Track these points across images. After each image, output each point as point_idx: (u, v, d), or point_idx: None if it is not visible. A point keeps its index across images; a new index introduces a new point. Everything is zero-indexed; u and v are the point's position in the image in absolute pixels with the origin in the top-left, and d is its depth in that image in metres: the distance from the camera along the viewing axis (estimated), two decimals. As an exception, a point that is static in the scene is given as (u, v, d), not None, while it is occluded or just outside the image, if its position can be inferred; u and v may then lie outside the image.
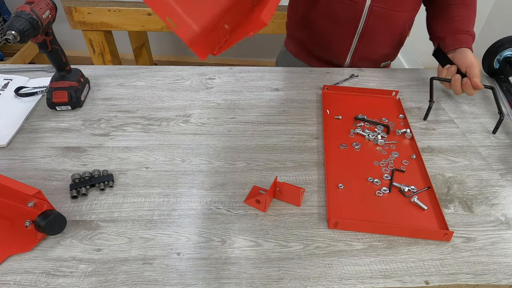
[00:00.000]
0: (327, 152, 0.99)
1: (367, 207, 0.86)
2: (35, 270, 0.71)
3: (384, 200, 0.87)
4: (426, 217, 0.84)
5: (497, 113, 1.11)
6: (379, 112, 1.15)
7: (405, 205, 0.86)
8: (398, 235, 0.80)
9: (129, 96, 1.18)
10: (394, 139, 1.05)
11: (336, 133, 1.06)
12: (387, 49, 1.43)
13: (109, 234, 0.78)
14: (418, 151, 1.00)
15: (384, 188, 0.90)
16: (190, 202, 0.85)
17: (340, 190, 0.89)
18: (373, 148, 1.02)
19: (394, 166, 0.96)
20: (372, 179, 0.92)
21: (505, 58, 1.32)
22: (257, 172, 0.93)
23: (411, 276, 0.72)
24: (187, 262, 0.73)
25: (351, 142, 1.03)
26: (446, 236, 0.79)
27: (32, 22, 0.91)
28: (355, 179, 0.92)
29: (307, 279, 0.71)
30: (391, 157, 0.99)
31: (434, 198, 0.87)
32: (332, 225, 0.81)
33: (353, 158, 0.98)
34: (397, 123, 1.11)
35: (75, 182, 0.87)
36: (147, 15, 2.15)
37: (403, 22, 1.35)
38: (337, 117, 1.12)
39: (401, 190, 0.89)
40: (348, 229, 0.81)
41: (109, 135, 1.02)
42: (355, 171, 0.95)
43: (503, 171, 0.96)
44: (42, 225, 0.72)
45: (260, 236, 0.78)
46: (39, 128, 1.04)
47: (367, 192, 0.89)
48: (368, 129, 1.07)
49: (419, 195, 0.88)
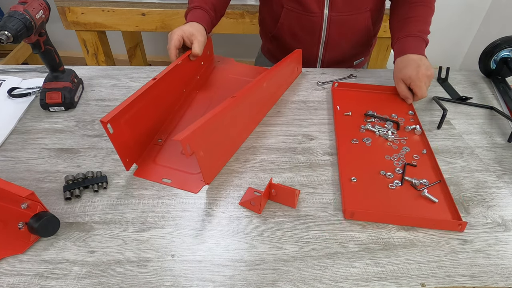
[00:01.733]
0: (340, 146, 1.01)
1: (381, 199, 0.88)
2: (28, 272, 0.70)
3: (396, 193, 0.89)
4: (438, 209, 0.86)
5: (495, 114, 1.12)
6: (388, 109, 1.17)
7: (416, 198, 0.88)
8: (413, 226, 0.81)
9: (123, 97, 1.17)
10: (404, 135, 1.07)
11: (347, 129, 1.08)
12: (355, 49, 1.46)
13: (103, 236, 0.77)
14: (429, 146, 1.02)
15: (396, 181, 0.91)
16: (184, 204, 0.84)
17: (353, 183, 0.91)
18: (384, 143, 1.03)
19: (406, 161, 0.97)
20: (384, 173, 0.93)
21: (502, 59, 1.32)
22: (252, 174, 0.92)
23: (407, 278, 0.71)
24: (181, 264, 0.72)
25: (362, 138, 1.05)
26: (460, 226, 0.81)
27: (25, 23, 0.90)
28: (367, 173, 0.94)
29: (302, 281, 0.70)
30: (402, 152, 1.01)
31: (447, 191, 0.89)
32: (348, 215, 0.82)
33: (364, 153, 1.00)
34: (406, 119, 1.13)
35: (68, 183, 0.86)
36: (141, 15, 2.14)
37: (366, 22, 1.37)
38: (347, 114, 1.14)
39: (413, 184, 0.90)
40: (364, 219, 0.82)
41: (103, 136, 1.02)
42: (368, 165, 0.96)
43: (499, 172, 0.96)
44: (35, 227, 0.71)
45: (255, 238, 0.78)
46: (32, 129, 1.03)
47: (379, 185, 0.91)
48: (378, 125, 1.09)
49: (430, 188, 0.90)
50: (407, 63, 1.16)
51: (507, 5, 2.91)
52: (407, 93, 1.17)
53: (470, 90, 1.31)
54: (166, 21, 2.17)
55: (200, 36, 1.14)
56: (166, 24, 2.18)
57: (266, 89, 1.10)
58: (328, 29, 1.33)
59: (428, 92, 1.25)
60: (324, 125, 1.10)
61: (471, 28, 3.30)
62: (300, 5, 1.29)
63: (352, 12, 1.31)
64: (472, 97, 1.24)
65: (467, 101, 1.23)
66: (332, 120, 1.12)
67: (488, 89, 1.32)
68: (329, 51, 1.41)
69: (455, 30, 3.30)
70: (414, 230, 0.80)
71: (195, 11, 1.22)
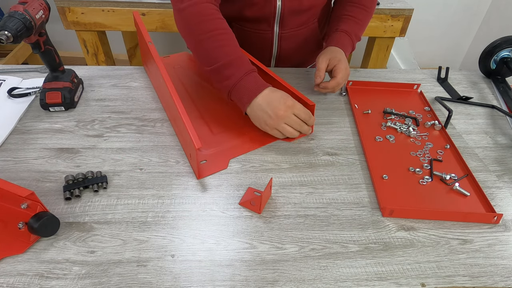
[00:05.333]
0: (365, 144, 1.02)
1: (414, 195, 0.89)
2: (28, 273, 0.70)
3: (428, 188, 0.90)
4: (470, 202, 0.87)
5: (495, 114, 1.11)
6: (404, 105, 1.20)
7: (447, 193, 0.89)
8: (448, 220, 0.83)
9: (123, 97, 1.17)
10: (425, 131, 1.08)
11: (369, 127, 1.09)
12: (307, 56, 1.49)
13: (102, 236, 0.77)
14: (451, 141, 1.04)
15: (426, 177, 0.93)
16: (184, 204, 0.84)
17: (385, 180, 0.92)
18: (407, 140, 1.05)
19: (431, 156, 0.99)
20: (413, 169, 0.95)
21: (502, 59, 1.32)
22: (252, 174, 0.92)
23: (407, 279, 0.71)
24: (181, 264, 0.72)
25: (385, 135, 1.06)
26: (496, 218, 0.82)
27: (25, 23, 0.90)
28: (397, 170, 0.95)
29: (302, 281, 0.70)
30: (426, 147, 1.02)
31: (476, 184, 0.91)
32: (387, 213, 0.83)
33: (390, 150, 1.01)
34: (424, 115, 1.15)
35: (68, 183, 0.86)
36: (141, 15, 2.14)
37: (315, 31, 1.39)
38: (366, 112, 1.15)
39: (442, 179, 0.92)
40: (403, 216, 0.83)
41: (103, 136, 1.02)
42: (395, 162, 0.97)
43: (499, 172, 0.96)
44: (35, 227, 0.71)
45: (255, 238, 0.78)
46: (32, 129, 1.03)
47: (411, 181, 0.92)
48: (398, 122, 1.11)
49: (459, 182, 0.91)
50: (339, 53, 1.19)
51: (507, 5, 2.91)
52: (323, 71, 1.16)
53: (470, 90, 1.31)
54: (166, 21, 2.17)
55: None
56: (166, 24, 2.18)
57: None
58: (279, 44, 1.34)
59: (429, 93, 1.26)
60: (324, 125, 1.10)
61: (471, 28, 3.30)
62: (250, 22, 1.29)
63: (301, 27, 1.32)
64: (472, 97, 1.24)
65: (468, 101, 1.23)
66: (332, 120, 1.12)
67: (488, 89, 1.32)
68: (281, 63, 1.42)
69: (455, 30, 3.30)
70: (414, 230, 0.80)
71: (255, 74, 1.03)
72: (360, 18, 1.27)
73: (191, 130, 0.85)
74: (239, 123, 1.08)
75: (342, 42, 1.23)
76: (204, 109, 1.13)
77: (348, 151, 1.00)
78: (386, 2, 2.30)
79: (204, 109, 1.13)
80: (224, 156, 0.97)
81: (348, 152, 1.00)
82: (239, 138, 1.03)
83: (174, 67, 1.35)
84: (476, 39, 3.32)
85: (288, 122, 0.99)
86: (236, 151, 0.99)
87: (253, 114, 1.00)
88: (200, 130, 1.05)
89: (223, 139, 1.02)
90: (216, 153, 0.98)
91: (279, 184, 0.90)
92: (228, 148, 1.00)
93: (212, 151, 0.98)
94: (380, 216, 0.83)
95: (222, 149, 0.99)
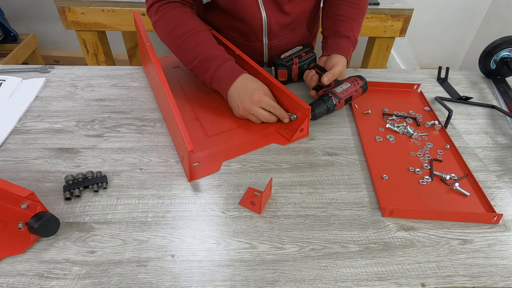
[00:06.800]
0: (365, 144, 1.02)
1: (414, 195, 0.89)
2: (28, 273, 0.70)
3: (428, 188, 0.90)
4: (470, 202, 0.87)
5: (495, 114, 1.12)
6: (404, 106, 1.20)
7: (447, 193, 0.89)
8: (450, 220, 0.83)
9: (122, 97, 1.17)
10: (425, 131, 1.09)
11: (369, 127, 1.10)
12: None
13: (102, 236, 0.77)
14: (451, 141, 1.04)
15: (426, 177, 0.93)
16: (184, 204, 0.84)
17: (385, 180, 0.92)
18: (407, 140, 1.05)
19: (431, 156, 0.99)
20: (413, 169, 0.95)
21: (502, 59, 1.32)
22: (252, 174, 0.92)
23: (407, 279, 0.71)
24: (181, 264, 0.72)
25: (385, 135, 1.06)
26: (496, 218, 0.82)
27: None
28: (397, 170, 0.95)
29: (302, 281, 0.70)
30: (426, 147, 1.02)
31: (476, 184, 0.91)
32: (387, 213, 0.83)
33: (390, 150, 1.02)
34: (424, 115, 1.15)
35: (68, 183, 0.86)
36: (141, 15, 2.14)
37: (304, 35, 1.40)
38: (366, 112, 1.15)
39: (442, 179, 0.92)
40: (403, 216, 0.83)
41: (103, 136, 1.02)
42: (395, 162, 0.98)
43: (499, 172, 0.96)
44: (35, 227, 0.71)
45: (255, 238, 0.78)
46: (32, 129, 1.03)
47: (411, 181, 0.92)
48: (398, 122, 1.11)
49: (459, 182, 0.91)
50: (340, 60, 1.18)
51: (507, 5, 2.91)
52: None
53: (470, 90, 1.31)
54: (166, 21, 2.17)
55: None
56: (166, 24, 2.18)
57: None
58: (269, 53, 1.35)
59: (429, 93, 1.26)
60: (323, 125, 1.10)
61: (471, 28, 3.30)
62: (240, 34, 1.30)
63: (290, 34, 1.33)
64: (472, 97, 1.24)
65: (468, 101, 1.23)
66: (332, 120, 1.12)
67: (488, 89, 1.32)
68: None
69: (455, 30, 3.30)
70: (414, 230, 0.80)
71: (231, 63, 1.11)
72: (355, 19, 1.26)
73: (184, 132, 0.85)
74: (234, 126, 1.08)
75: (343, 48, 1.22)
76: (200, 111, 1.13)
77: (348, 151, 1.00)
78: (386, 2, 2.30)
79: (200, 111, 1.13)
80: (216, 158, 0.97)
81: (348, 152, 1.00)
82: (233, 140, 1.03)
83: (173, 68, 1.35)
84: (476, 39, 3.32)
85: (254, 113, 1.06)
86: (229, 154, 0.98)
87: (230, 103, 1.11)
88: (194, 132, 1.05)
89: (217, 142, 1.02)
90: (209, 155, 0.97)
91: (279, 184, 0.90)
92: (221, 150, 0.99)
93: (205, 153, 0.98)
94: (380, 216, 0.83)
95: (215, 152, 0.99)
